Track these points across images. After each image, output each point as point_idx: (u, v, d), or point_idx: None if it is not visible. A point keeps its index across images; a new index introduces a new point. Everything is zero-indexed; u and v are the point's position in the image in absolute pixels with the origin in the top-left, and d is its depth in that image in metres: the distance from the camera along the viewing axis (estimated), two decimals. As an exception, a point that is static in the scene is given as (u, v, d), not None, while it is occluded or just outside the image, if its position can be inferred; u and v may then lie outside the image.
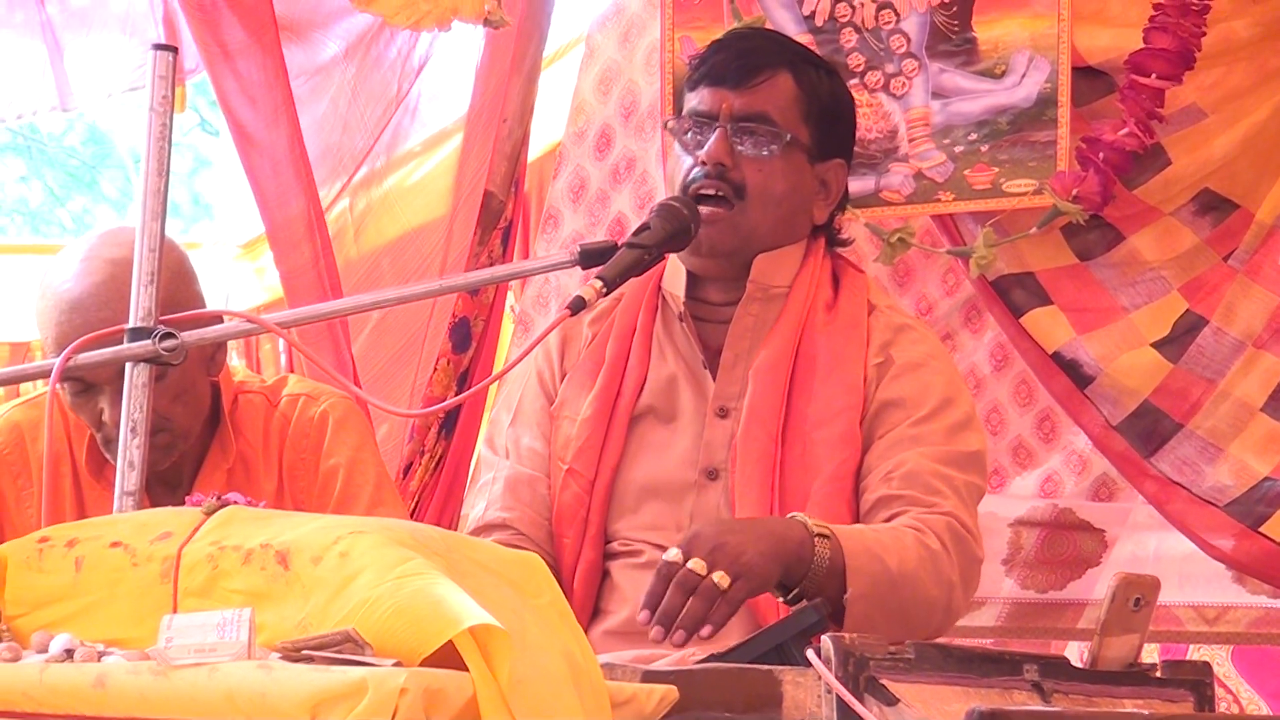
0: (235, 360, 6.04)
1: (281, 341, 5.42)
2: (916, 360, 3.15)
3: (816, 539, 2.80)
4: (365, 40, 4.36)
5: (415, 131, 4.49)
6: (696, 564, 2.68)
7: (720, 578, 2.67)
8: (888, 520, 2.99)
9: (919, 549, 2.91)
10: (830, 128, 3.26)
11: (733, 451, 3.12)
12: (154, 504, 3.15)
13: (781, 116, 3.19)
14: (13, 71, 4.81)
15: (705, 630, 2.65)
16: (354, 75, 4.36)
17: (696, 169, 3.17)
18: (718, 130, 3.18)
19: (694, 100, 3.24)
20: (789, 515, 2.87)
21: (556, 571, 3.18)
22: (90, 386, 3.13)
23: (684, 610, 2.65)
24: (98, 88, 4.86)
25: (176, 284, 3.12)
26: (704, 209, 3.13)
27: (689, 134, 3.22)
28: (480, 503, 3.28)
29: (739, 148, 3.17)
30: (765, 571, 2.74)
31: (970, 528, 3.01)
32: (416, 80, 4.41)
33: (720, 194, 3.15)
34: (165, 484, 3.25)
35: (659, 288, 3.27)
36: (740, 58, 3.24)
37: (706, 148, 3.17)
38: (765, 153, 3.17)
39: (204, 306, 3.25)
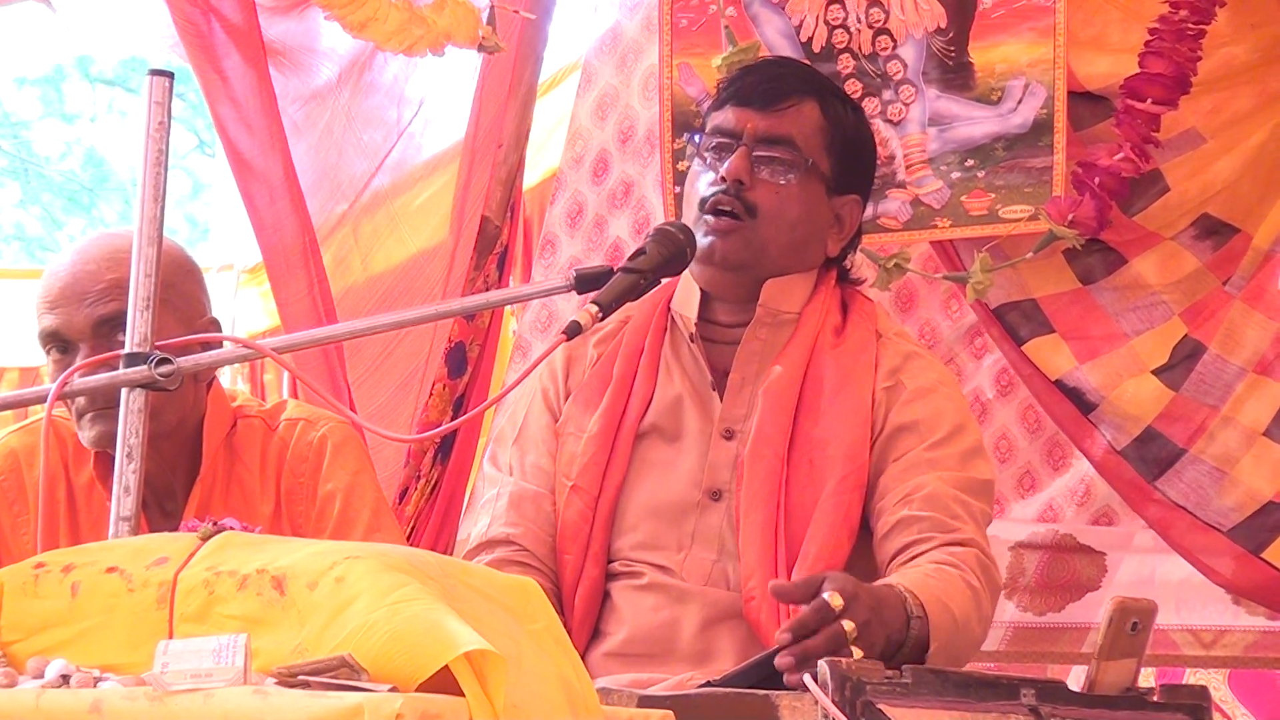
0: (240, 385, 6.04)
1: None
2: (927, 386, 3.17)
3: (913, 621, 2.76)
4: (358, 65, 4.35)
5: (416, 158, 4.48)
6: (850, 626, 2.61)
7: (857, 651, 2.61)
8: (907, 544, 2.99)
9: (967, 591, 2.90)
10: (850, 162, 3.28)
11: (738, 471, 3.13)
12: (147, 516, 3.16)
13: (804, 143, 3.22)
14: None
15: None
16: (348, 100, 4.36)
17: (714, 185, 3.19)
18: (739, 149, 3.20)
19: (718, 119, 3.27)
20: (886, 584, 2.81)
21: (558, 589, 3.19)
22: (68, 347, 3.14)
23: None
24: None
25: (181, 277, 3.20)
26: (718, 220, 3.16)
27: (711, 151, 3.24)
28: (484, 519, 3.28)
29: (758, 170, 3.19)
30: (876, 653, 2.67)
31: (992, 557, 3.03)
32: (419, 111, 4.40)
33: (734, 211, 3.17)
34: (158, 497, 3.25)
35: (668, 309, 3.29)
36: (768, 81, 3.28)
37: (727, 164, 3.18)
38: (783, 180, 3.19)
39: (207, 305, 3.29)
